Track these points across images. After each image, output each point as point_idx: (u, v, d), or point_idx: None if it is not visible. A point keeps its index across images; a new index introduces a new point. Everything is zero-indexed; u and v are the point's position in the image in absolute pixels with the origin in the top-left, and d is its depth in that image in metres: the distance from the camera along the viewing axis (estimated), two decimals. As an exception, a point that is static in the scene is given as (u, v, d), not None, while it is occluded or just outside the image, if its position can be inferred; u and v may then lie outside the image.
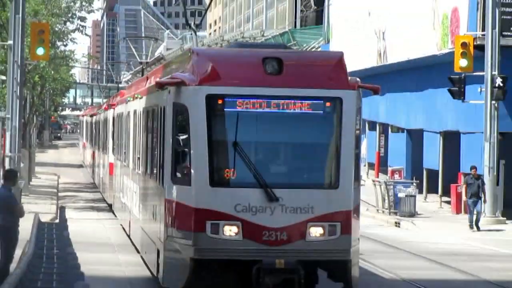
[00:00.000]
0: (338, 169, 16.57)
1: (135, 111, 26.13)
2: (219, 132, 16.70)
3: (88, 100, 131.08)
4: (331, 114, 16.94)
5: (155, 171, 19.56)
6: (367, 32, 53.53)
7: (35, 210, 25.79)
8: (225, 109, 16.68)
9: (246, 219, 16.10)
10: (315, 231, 16.35)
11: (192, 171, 16.29)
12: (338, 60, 17.33)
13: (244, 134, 16.73)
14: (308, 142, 17.30)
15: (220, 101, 16.58)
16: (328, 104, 16.82)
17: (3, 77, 39.88)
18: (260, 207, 16.15)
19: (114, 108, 37.42)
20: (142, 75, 43.10)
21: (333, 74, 16.97)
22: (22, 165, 39.24)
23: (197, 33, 36.25)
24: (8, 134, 37.44)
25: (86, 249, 21.73)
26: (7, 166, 32.02)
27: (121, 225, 30.74)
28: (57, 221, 24.09)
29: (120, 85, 64.05)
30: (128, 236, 27.51)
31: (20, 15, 35.44)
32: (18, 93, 37.08)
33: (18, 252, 18.38)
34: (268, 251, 16.06)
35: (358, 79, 17.33)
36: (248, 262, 16.06)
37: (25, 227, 20.08)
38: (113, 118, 37.40)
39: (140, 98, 24.55)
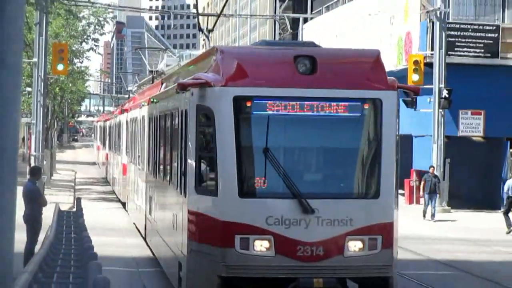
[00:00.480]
0: (378, 177, 12.96)
1: (151, 115, 21.77)
2: (248, 137, 13.17)
3: (101, 108, 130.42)
4: (370, 117, 13.42)
5: (175, 179, 15.60)
6: (335, 51, 53.58)
7: (55, 200, 25.50)
8: (254, 112, 13.17)
9: (278, 232, 12.52)
10: (354, 246, 12.78)
11: (219, 180, 12.70)
12: (375, 58, 13.73)
13: (275, 139, 13.19)
14: (345, 148, 13.80)
15: (248, 103, 13.03)
16: (366, 105, 13.31)
17: (29, 89, 40.04)
18: (294, 219, 12.54)
19: (127, 113, 33.19)
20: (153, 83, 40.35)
21: (371, 73, 13.36)
22: (45, 162, 39.16)
23: (190, 52, 34.94)
24: (33, 137, 38.39)
25: (98, 234, 21.42)
26: (32, 164, 31.88)
27: (134, 223, 27.83)
28: (74, 209, 23.80)
29: (130, 94, 63.73)
30: (144, 238, 23.84)
31: (44, 37, 35.78)
32: (42, 103, 37.76)
33: (41, 236, 18.08)
34: (304, 268, 12.58)
35: (395, 78, 13.94)
36: (281, 280, 12.67)
37: (48, 215, 19.66)
38: (127, 122, 33.14)
39: (156, 102, 20.64)
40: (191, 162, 13.41)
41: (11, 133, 4.13)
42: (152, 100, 21.49)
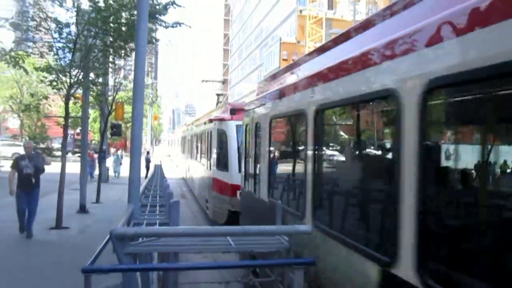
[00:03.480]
0: None
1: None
2: None
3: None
4: None
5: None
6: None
7: (154, 161, 43.38)
8: None
9: None
10: None
11: None
12: None
13: None
14: None
15: None
16: None
17: (145, 129, 74.78)
18: None
19: (200, 126, 25.69)
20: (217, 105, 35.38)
21: None
22: (151, 150, 76.19)
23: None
24: (148, 143, 76.78)
25: (168, 174, 31.94)
26: (146, 150, 54.16)
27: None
28: (160, 164, 33.58)
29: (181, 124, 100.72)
30: None
31: (150, 114, 74.57)
32: (150, 133, 78.46)
33: (150, 171, 34.21)
34: None
35: None
36: None
37: (151, 166, 38.66)
38: (197, 134, 26.69)
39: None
40: None
41: (139, 141, 10.99)
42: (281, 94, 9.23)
